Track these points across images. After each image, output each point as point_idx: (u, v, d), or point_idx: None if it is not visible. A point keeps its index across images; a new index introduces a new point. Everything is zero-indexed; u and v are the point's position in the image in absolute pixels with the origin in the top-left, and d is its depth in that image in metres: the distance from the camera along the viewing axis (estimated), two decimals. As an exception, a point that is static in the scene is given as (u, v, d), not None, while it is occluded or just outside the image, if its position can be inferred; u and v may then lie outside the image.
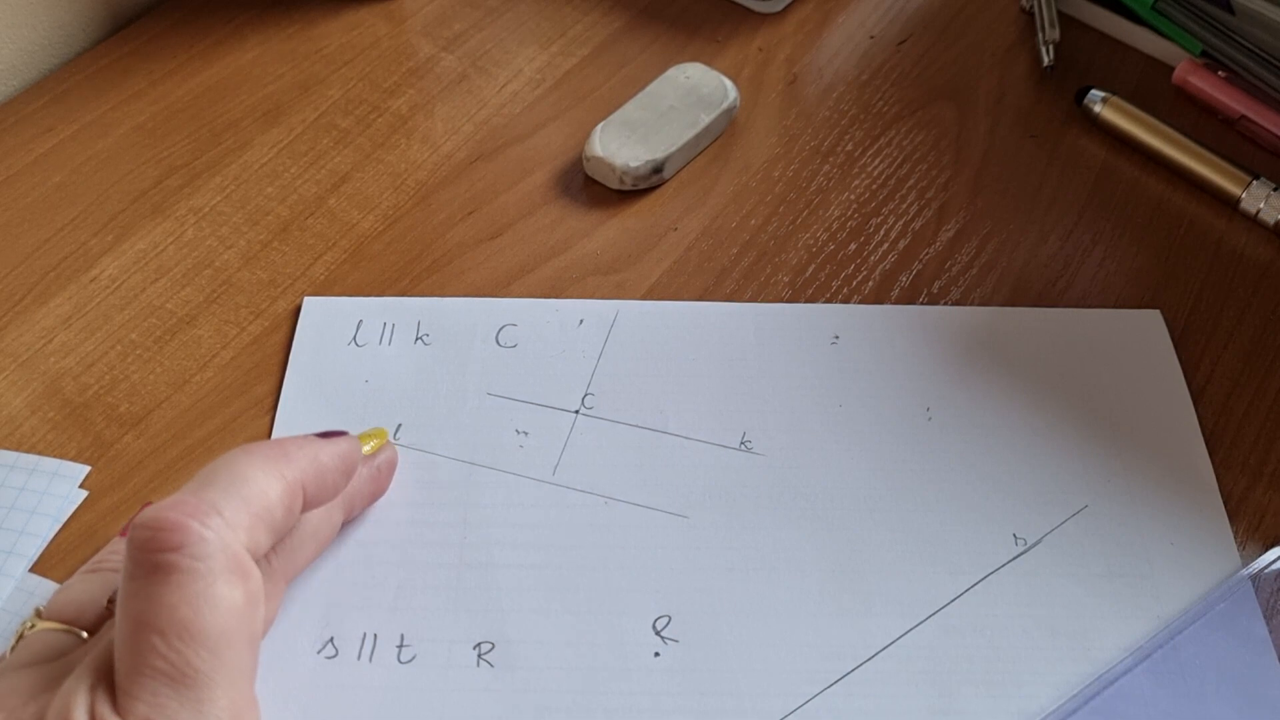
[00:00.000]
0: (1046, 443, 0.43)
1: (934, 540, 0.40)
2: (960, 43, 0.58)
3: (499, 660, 0.37)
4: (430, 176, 0.51)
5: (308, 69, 0.56)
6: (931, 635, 0.38)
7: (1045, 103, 0.55)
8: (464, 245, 0.49)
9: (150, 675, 0.29)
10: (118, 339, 0.45)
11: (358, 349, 0.45)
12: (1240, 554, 0.40)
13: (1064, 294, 0.48)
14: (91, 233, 0.49)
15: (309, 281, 0.47)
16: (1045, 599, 0.39)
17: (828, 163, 0.53)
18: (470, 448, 0.42)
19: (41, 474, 0.41)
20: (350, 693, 0.36)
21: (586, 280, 0.48)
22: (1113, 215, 0.51)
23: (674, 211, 0.50)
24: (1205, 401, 0.44)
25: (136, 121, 0.53)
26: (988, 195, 0.51)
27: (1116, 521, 0.41)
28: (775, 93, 0.56)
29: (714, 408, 0.43)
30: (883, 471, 0.42)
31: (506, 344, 0.45)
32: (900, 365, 0.45)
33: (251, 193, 0.51)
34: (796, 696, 0.37)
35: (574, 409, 0.43)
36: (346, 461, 0.36)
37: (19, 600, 0.38)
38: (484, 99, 0.55)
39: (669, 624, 0.38)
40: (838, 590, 0.39)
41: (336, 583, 0.39)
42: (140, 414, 0.43)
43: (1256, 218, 0.50)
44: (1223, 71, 0.54)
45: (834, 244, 0.49)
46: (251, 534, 0.31)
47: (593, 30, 0.58)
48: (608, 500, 0.41)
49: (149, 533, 0.30)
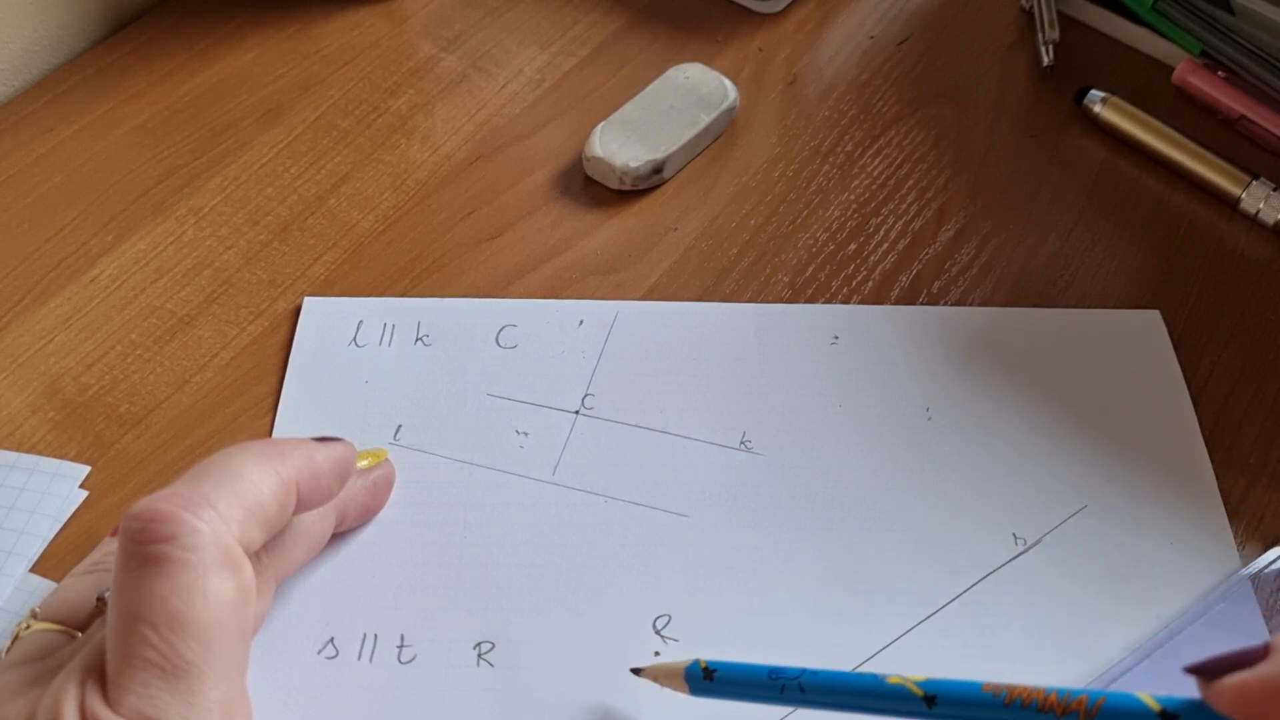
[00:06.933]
0: (1046, 443, 0.43)
1: (934, 540, 0.40)
2: (960, 43, 0.58)
3: (499, 660, 0.37)
4: (430, 176, 0.51)
5: (308, 69, 0.56)
6: (931, 635, 0.38)
7: (1045, 103, 0.55)
8: (464, 245, 0.49)
9: (141, 667, 0.29)
10: (118, 339, 0.45)
11: (358, 349, 0.45)
12: (1240, 554, 0.40)
13: (1064, 294, 0.48)
14: (91, 233, 0.49)
15: (309, 281, 0.47)
16: (1045, 599, 0.39)
17: (828, 163, 0.53)
18: (470, 448, 0.42)
19: (41, 474, 0.41)
20: (350, 693, 0.36)
21: (586, 280, 0.48)
22: (1112, 215, 0.51)
23: (674, 211, 0.50)
24: (1205, 401, 0.44)
25: (136, 121, 0.53)
26: (987, 195, 0.51)
27: (1116, 521, 0.41)
28: (775, 93, 0.56)
29: (714, 408, 0.43)
30: (883, 471, 0.42)
31: (506, 344, 0.45)
32: (900, 365, 0.45)
33: (251, 193, 0.51)
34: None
35: (574, 409, 0.43)
36: (341, 465, 0.36)
37: (19, 600, 0.38)
38: (484, 99, 0.55)
39: (669, 624, 0.38)
40: (838, 590, 0.39)
41: (336, 583, 0.39)
42: (140, 414, 0.43)
43: (1256, 218, 0.50)
44: (1222, 71, 0.54)
45: (834, 244, 0.49)
46: (244, 528, 0.31)
47: (593, 30, 0.58)
48: (608, 500, 0.41)
49: (141, 523, 0.30)
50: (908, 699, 0.31)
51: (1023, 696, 0.29)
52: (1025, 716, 0.29)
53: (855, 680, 0.32)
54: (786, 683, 0.32)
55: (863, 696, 0.32)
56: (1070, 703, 0.29)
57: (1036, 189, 0.52)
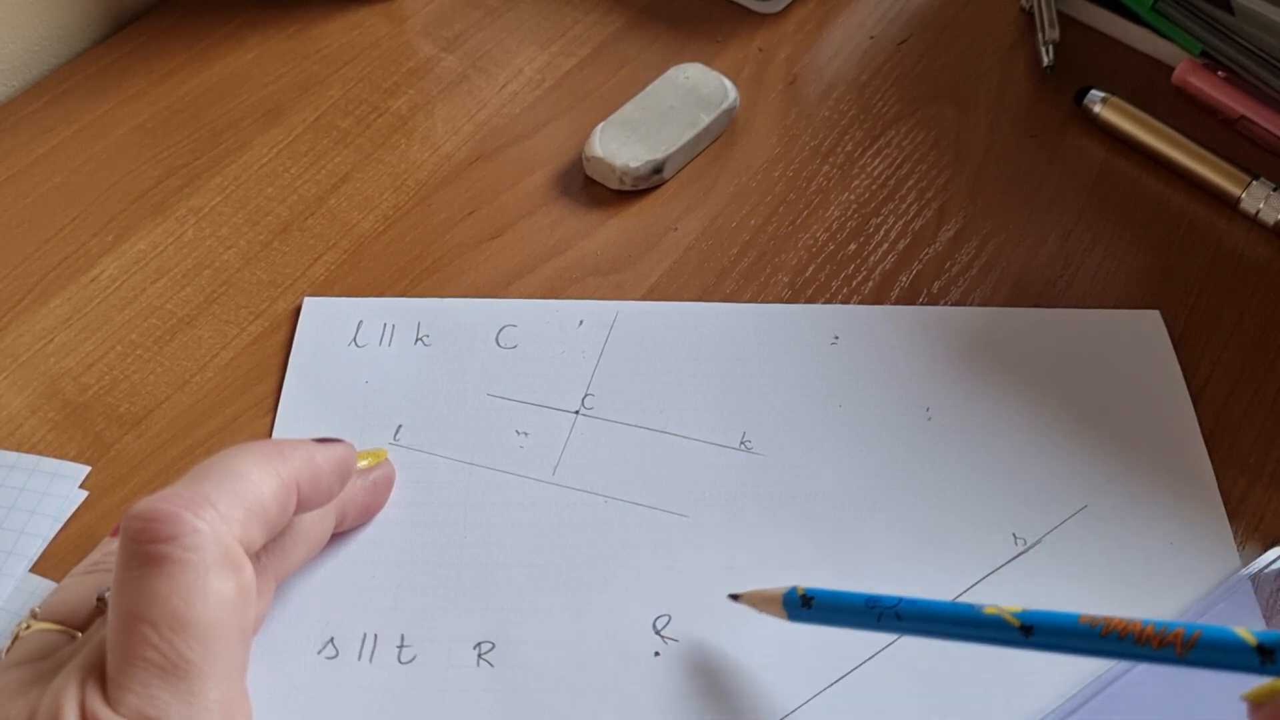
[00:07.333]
0: (1046, 443, 0.43)
1: (934, 540, 0.40)
2: (960, 43, 0.58)
3: (499, 660, 0.37)
4: (430, 177, 0.51)
5: (308, 69, 0.56)
6: (931, 635, 0.38)
7: (1045, 103, 0.55)
8: (464, 245, 0.49)
9: (141, 666, 0.29)
10: (118, 339, 0.45)
11: (358, 349, 0.45)
12: (1240, 554, 0.40)
13: (1064, 294, 0.48)
14: (91, 233, 0.49)
15: (309, 282, 0.47)
16: (1045, 599, 0.39)
17: (828, 163, 0.53)
18: (470, 448, 0.42)
19: (41, 474, 0.41)
20: (350, 693, 0.36)
21: (586, 280, 0.48)
22: (1112, 215, 0.51)
23: (674, 212, 0.50)
24: (1205, 401, 0.44)
25: (136, 121, 0.53)
26: (987, 195, 0.51)
27: (1116, 521, 0.41)
28: (775, 93, 0.56)
29: (714, 408, 0.43)
30: (883, 471, 0.42)
31: (506, 344, 0.45)
32: (900, 365, 0.45)
33: (251, 193, 0.51)
34: (796, 696, 0.37)
35: (574, 409, 0.43)
36: (342, 466, 0.36)
37: (19, 600, 0.38)
38: (484, 99, 0.55)
39: (669, 624, 0.38)
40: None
41: (336, 583, 0.39)
42: (140, 414, 0.43)
43: (1256, 218, 0.50)
44: (1222, 71, 0.54)
45: (834, 244, 0.49)
46: (245, 528, 0.31)
47: (593, 30, 0.58)
48: (608, 500, 0.41)
49: (142, 523, 0.30)
50: (1004, 628, 0.31)
51: (1119, 629, 0.29)
52: (1121, 648, 0.29)
53: (952, 610, 0.32)
54: (884, 610, 0.33)
55: (959, 625, 0.32)
56: (1167, 635, 0.29)
57: (1036, 189, 0.52)
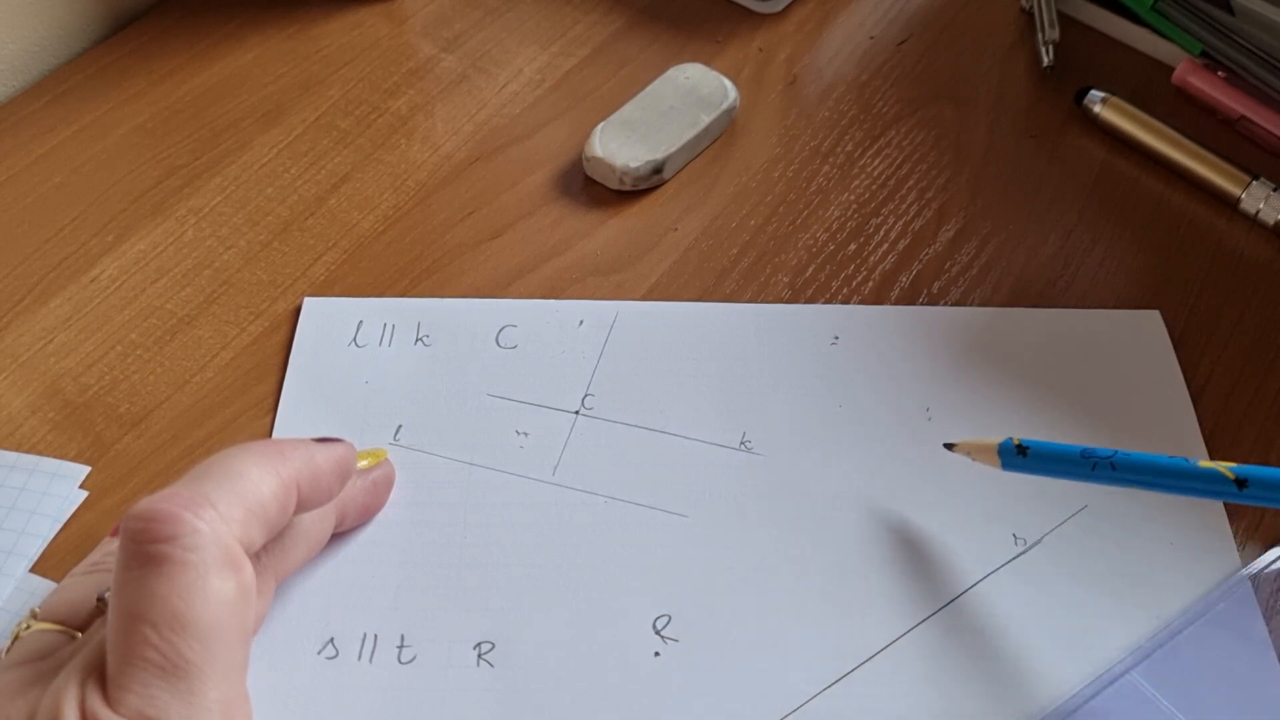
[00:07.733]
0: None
1: (934, 540, 0.40)
2: (960, 43, 0.58)
3: (499, 660, 0.37)
4: (430, 177, 0.51)
5: (308, 69, 0.56)
6: (931, 635, 0.38)
7: (1045, 103, 0.55)
8: (464, 246, 0.49)
9: (141, 666, 0.29)
10: (118, 339, 0.45)
11: (358, 350, 0.45)
12: (1240, 554, 0.40)
13: (1064, 294, 0.48)
14: (91, 233, 0.49)
15: (309, 282, 0.47)
16: (1045, 599, 0.39)
17: (827, 163, 0.53)
18: (470, 448, 0.42)
19: (41, 474, 0.41)
20: (350, 693, 0.36)
21: (586, 281, 0.48)
22: (1113, 215, 0.51)
23: (674, 212, 0.50)
24: (1205, 401, 0.44)
25: (136, 121, 0.53)
26: (987, 195, 0.51)
27: (1116, 521, 0.41)
28: (775, 93, 0.56)
29: (714, 408, 0.43)
30: (883, 471, 0.42)
31: (506, 345, 0.45)
32: (900, 365, 0.45)
33: (251, 193, 0.51)
34: (796, 696, 0.37)
35: (574, 409, 0.43)
36: (342, 466, 0.36)
37: (19, 600, 0.38)
38: (484, 99, 0.55)
39: (669, 624, 0.38)
40: (838, 590, 0.39)
41: (336, 583, 0.39)
42: (140, 414, 0.43)
43: (1256, 218, 0.50)
44: (1222, 71, 0.54)
45: (834, 244, 0.49)
46: (245, 528, 0.31)
47: (593, 30, 0.58)
48: (608, 500, 0.41)
49: (142, 523, 0.30)
50: (1218, 480, 0.32)
51: None
52: None
53: (1167, 462, 0.33)
54: (1099, 460, 0.33)
55: (1174, 477, 0.33)
56: None
57: (1036, 189, 0.52)
